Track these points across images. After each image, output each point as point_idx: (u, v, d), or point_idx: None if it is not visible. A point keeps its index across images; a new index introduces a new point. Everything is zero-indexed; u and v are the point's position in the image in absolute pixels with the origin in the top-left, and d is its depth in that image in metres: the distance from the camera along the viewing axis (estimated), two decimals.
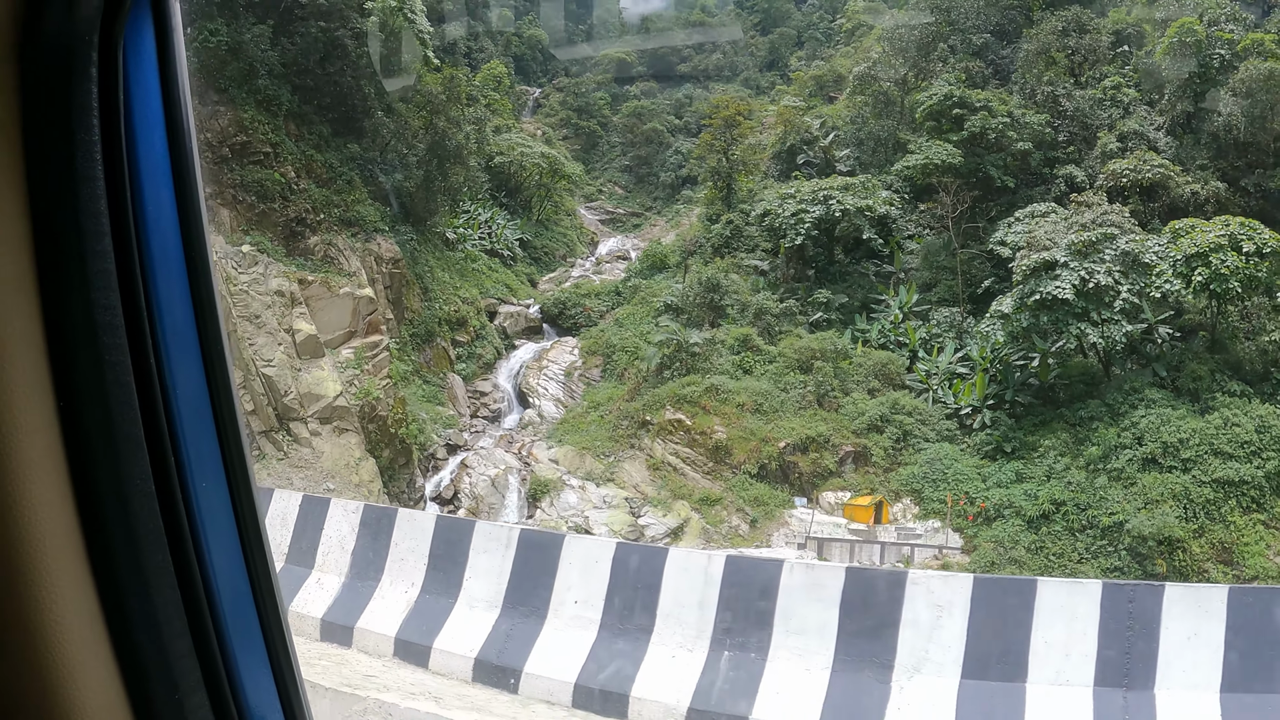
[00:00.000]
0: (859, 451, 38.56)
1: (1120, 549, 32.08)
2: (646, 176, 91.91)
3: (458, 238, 60.83)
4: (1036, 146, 49.95)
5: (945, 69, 57.64)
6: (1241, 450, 33.87)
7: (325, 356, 38.93)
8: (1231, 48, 48.09)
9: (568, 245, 76.05)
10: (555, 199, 78.16)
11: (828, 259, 50.67)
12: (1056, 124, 51.06)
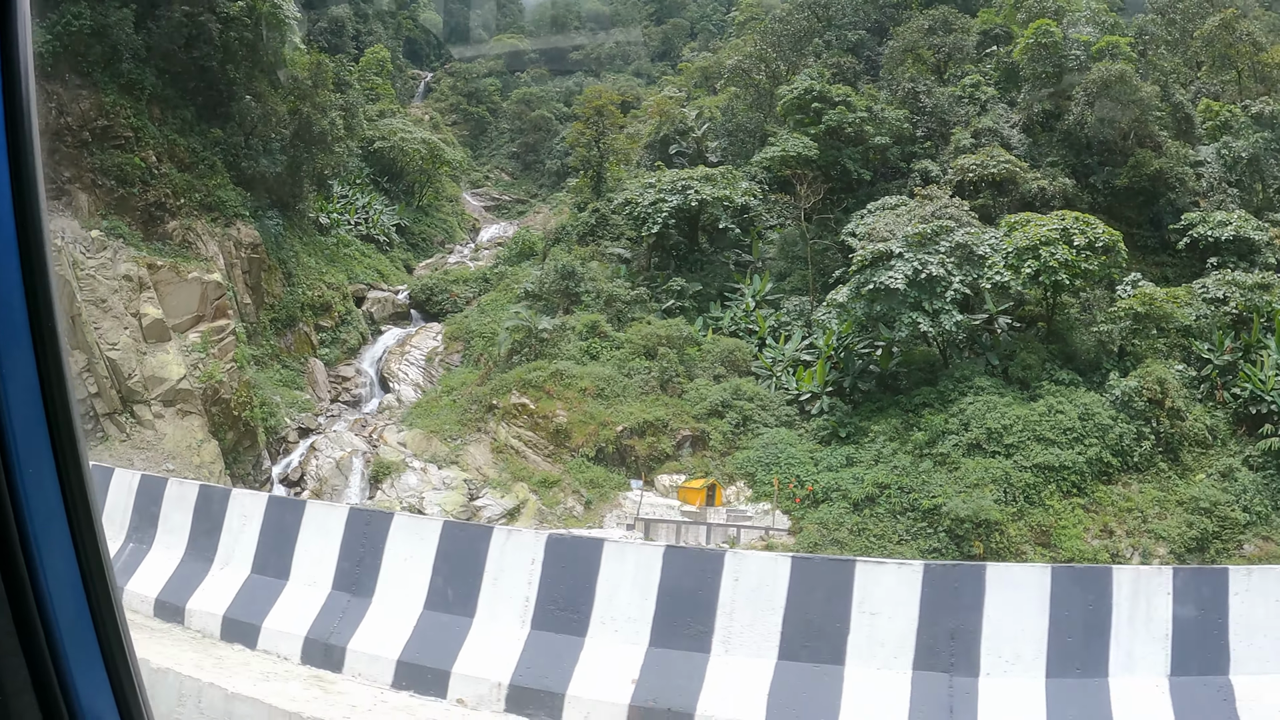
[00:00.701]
0: (697, 436, 39.03)
1: (940, 531, 32.81)
2: (534, 164, 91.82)
3: (331, 223, 60.39)
4: (895, 141, 50.71)
5: (819, 64, 58.32)
6: (1064, 437, 34.96)
7: (171, 340, 38.70)
8: (1087, 49, 49.26)
9: (447, 231, 75.71)
10: (436, 185, 77.68)
11: (689, 248, 51.00)
12: (916, 120, 51.86)
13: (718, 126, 60.02)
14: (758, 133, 55.88)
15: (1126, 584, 9.09)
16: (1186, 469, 35.49)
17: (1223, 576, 9.11)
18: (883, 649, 9.14)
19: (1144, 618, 8.92)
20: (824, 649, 9.29)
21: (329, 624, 11.07)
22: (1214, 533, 33.02)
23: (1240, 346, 38.44)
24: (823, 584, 9.68)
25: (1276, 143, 48.73)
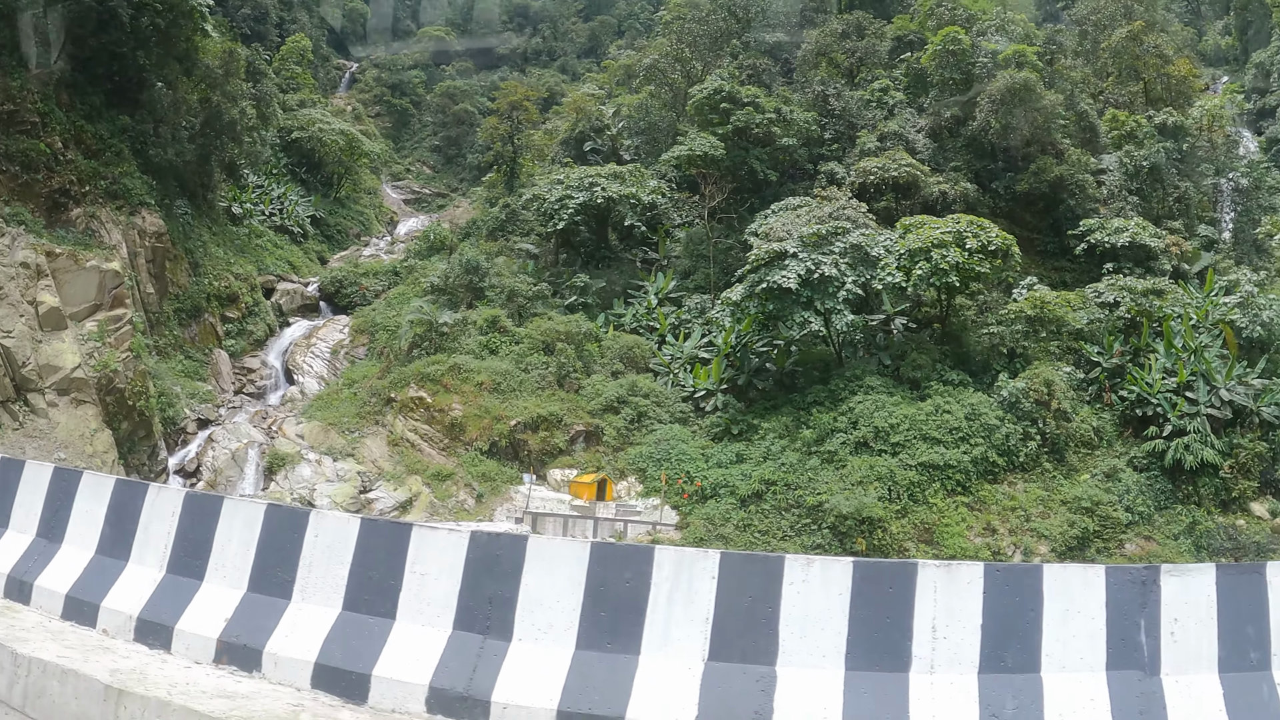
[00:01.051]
0: (592, 431, 38.95)
1: (824, 528, 32.85)
2: (455, 157, 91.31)
3: (244, 213, 59.72)
4: (803, 143, 50.90)
5: (734, 64, 58.49)
6: (950, 436, 35.27)
7: (68, 329, 38.06)
8: (994, 57, 49.72)
9: (364, 224, 75.18)
10: (355, 176, 77.06)
11: (597, 244, 51.03)
12: (824, 122, 52.12)
13: (632, 125, 59.99)
14: (671, 132, 55.88)
15: (668, 564, 9.04)
16: (1072, 469, 35.90)
17: (778, 565, 9.00)
18: (429, 607, 9.43)
19: (684, 599, 8.88)
20: (380, 603, 9.63)
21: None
22: (1095, 531, 33.46)
23: (1130, 350, 39.00)
24: (382, 544, 9.91)
25: (1178, 152, 49.48)
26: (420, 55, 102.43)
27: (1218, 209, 53.14)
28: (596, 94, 68.02)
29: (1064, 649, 8.64)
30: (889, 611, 8.76)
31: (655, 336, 44.63)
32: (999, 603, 8.69)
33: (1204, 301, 41.68)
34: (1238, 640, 8.73)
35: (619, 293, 48.07)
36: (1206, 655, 8.74)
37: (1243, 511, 35.05)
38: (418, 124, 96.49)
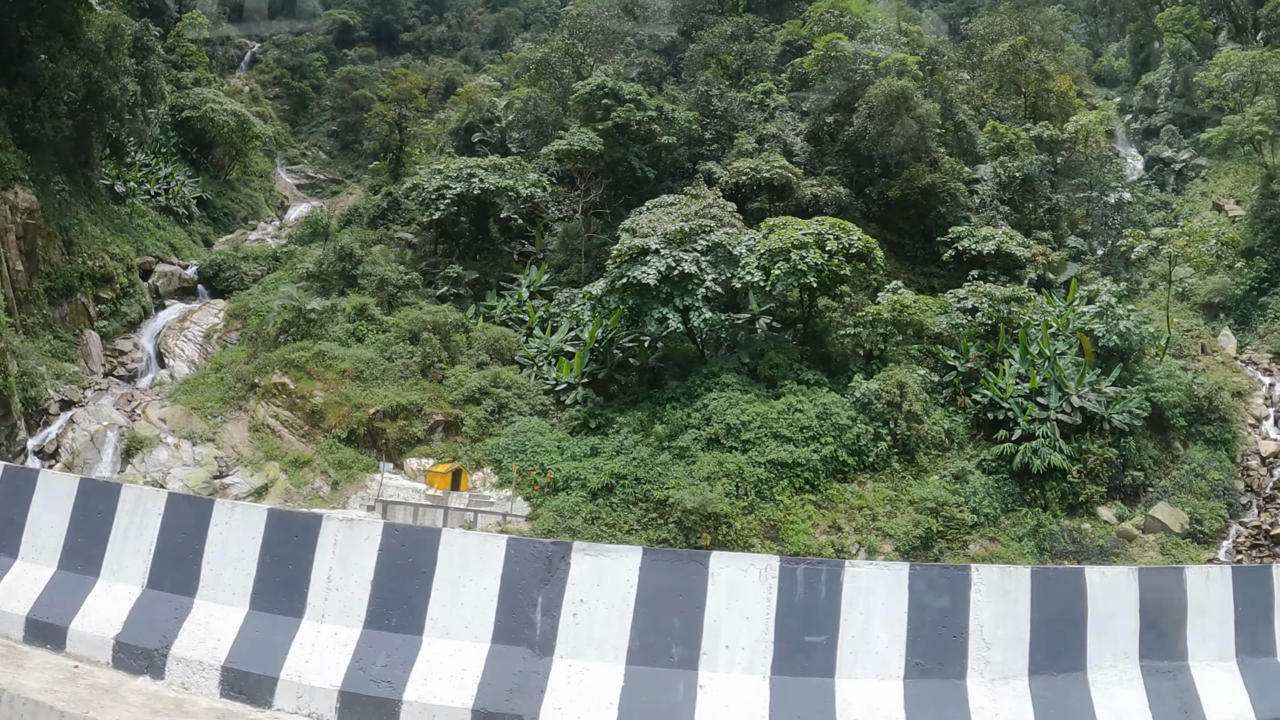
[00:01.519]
0: (451, 421, 38.78)
1: (670, 522, 33.00)
2: (352, 144, 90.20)
3: (128, 191, 58.72)
4: (684, 142, 51.05)
5: (624, 61, 58.63)
6: (800, 434, 35.54)
7: None
8: (875, 65, 50.21)
9: (253, 208, 74.03)
10: (246, 159, 76.01)
11: (475, 235, 50.82)
12: (706, 122, 52.31)
13: (520, 118, 59.80)
14: (557, 126, 55.79)
15: (129, 501, 9.77)
16: (922, 470, 36.43)
17: (208, 507, 9.59)
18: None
19: (136, 532, 9.62)
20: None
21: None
22: (940, 532, 33.97)
23: (986, 355, 39.64)
24: None
25: (1052, 165, 50.35)
26: (324, 38, 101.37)
27: (1094, 223, 54.14)
28: (492, 86, 67.71)
29: (449, 615, 8.80)
30: (293, 559, 9.18)
31: (524, 329, 44.53)
32: (391, 562, 8.95)
33: (1065, 310, 42.42)
34: (656, 632, 8.80)
35: (493, 285, 47.88)
36: (613, 644, 8.79)
37: (1090, 515, 35.88)
38: (316, 108, 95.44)
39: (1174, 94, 72.58)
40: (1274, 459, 39.20)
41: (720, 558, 9.11)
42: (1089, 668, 9.32)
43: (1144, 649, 9.58)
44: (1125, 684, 9.36)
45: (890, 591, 8.99)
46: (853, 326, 39.58)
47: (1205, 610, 9.97)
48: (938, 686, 8.86)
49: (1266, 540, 35.12)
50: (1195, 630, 9.91)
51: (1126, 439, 37.09)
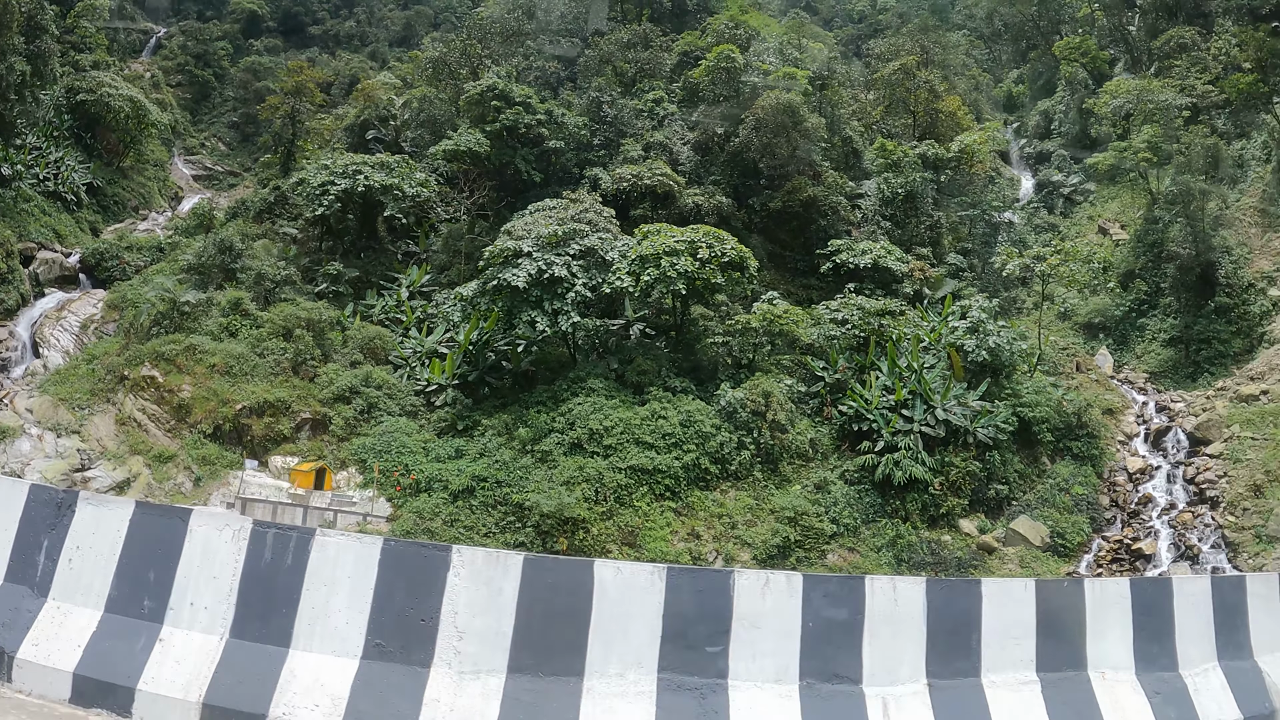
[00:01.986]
0: (319, 420, 38.39)
1: (528, 526, 32.81)
2: (253, 136, 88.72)
3: (14, 174, 57.56)
4: (572, 147, 51.14)
5: (518, 65, 58.63)
6: (663, 441, 35.59)
7: None
8: (765, 78, 50.58)
9: (145, 197, 72.57)
10: (141, 147, 74.62)
11: (360, 234, 50.47)
12: (595, 128, 52.39)
13: (414, 117, 59.49)
14: (449, 126, 55.57)
15: None
16: (785, 480, 36.61)
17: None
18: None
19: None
20: None
21: None
22: (798, 541, 34.08)
23: (855, 367, 40.07)
24: None
25: (935, 182, 51.02)
26: (231, 27, 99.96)
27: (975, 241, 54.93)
28: (394, 84, 67.25)
29: None
30: None
31: (402, 329, 44.27)
32: None
33: (938, 325, 43.01)
34: (134, 583, 9.08)
35: (374, 284, 47.56)
36: (97, 591, 9.00)
37: (951, 528, 36.38)
38: (219, 98, 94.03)
39: (1067, 120, 74.11)
40: (1140, 475, 40.08)
41: (200, 515, 9.32)
42: (587, 672, 9.09)
43: (664, 659, 9.30)
44: (635, 697, 9.12)
45: (359, 567, 8.93)
46: (722, 335, 39.78)
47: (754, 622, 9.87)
48: (396, 671, 8.75)
49: (1127, 554, 35.95)
50: None
51: (992, 453, 37.65)
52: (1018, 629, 10.72)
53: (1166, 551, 35.87)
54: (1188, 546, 35.58)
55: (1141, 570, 35.04)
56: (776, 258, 48.02)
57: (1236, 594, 12.72)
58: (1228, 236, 52.30)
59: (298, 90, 59.72)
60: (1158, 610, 12.02)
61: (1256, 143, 58.16)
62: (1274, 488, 35.66)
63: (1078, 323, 56.42)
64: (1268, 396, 42.19)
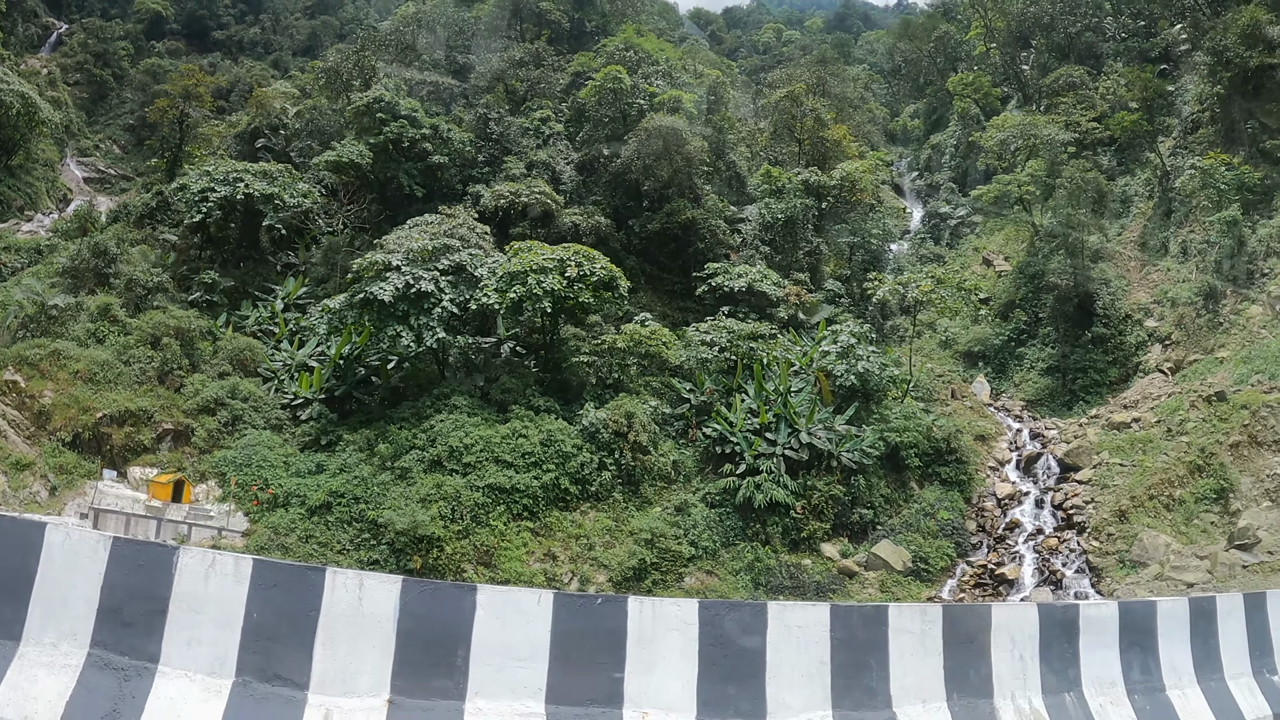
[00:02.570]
0: (181, 430, 37.90)
1: (383, 543, 32.56)
2: (148, 139, 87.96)
3: None
4: (456, 163, 51.11)
5: (419, 79, 58.54)
6: (522, 460, 35.50)
7: None
8: (650, 100, 50.94)
9: (31, 197, 71.39)
10: (31, 146, 73.33)
11: (240, 242, 50.00)
12: (481, 145, 52.44)
13: (304, 127, 59.18)
14: (337, 137, 55.40)
15: None
16: (646, 501, 36.72)
17: None
18: None
19: None
20: None
21: None
22: (654, 563, 34.06)
23: (721, 389, 40.37)
24: None
25: (817, 209, 51.66)
26: (134, 27, 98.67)
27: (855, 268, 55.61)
28: (290, 92, 66.92)
29: None
30: None
31: (274, 341, 43.91)
32: None
33: (809, 349, 43.46)
34: None
35: (251, 294, 47.14)
36: None
37: (812, 552, 36.51)
38: (116, 99, 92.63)
39: (957, 154, 75.56)
40: (1009, 501, 40.84)
41: None
42: (24, 639, 9.00)
43: (98, 634, 8.99)
44: (60, 669, 8.94)
45: None
46: (588, 355, 39.95)
47: None
48: None
49: (991, 579, 36.31)
50: None
51: (857, 477, 37.99)
52: (524, 649, 10.09)
53: (1030, 576, 36.31)
54: (1051, 571, 36.08)
55: (1005, 595, 35.31)
56: (654, 280, 48.33)
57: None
58: (1107, 269, 53.72)
59: (188, 94, 59.04)
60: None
61: (1140, 179, 59.65)
62: (1138, 513, 36.46)
63: (958, 351, 57.48)
64: (1139, 424, 43.17)
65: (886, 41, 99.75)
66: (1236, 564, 33.64)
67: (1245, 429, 38.02)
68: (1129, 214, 59.75)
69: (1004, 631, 12.79)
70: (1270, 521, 34.99)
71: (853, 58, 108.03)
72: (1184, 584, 32.77)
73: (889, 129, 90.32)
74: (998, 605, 14.20)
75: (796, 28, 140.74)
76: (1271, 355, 41.33)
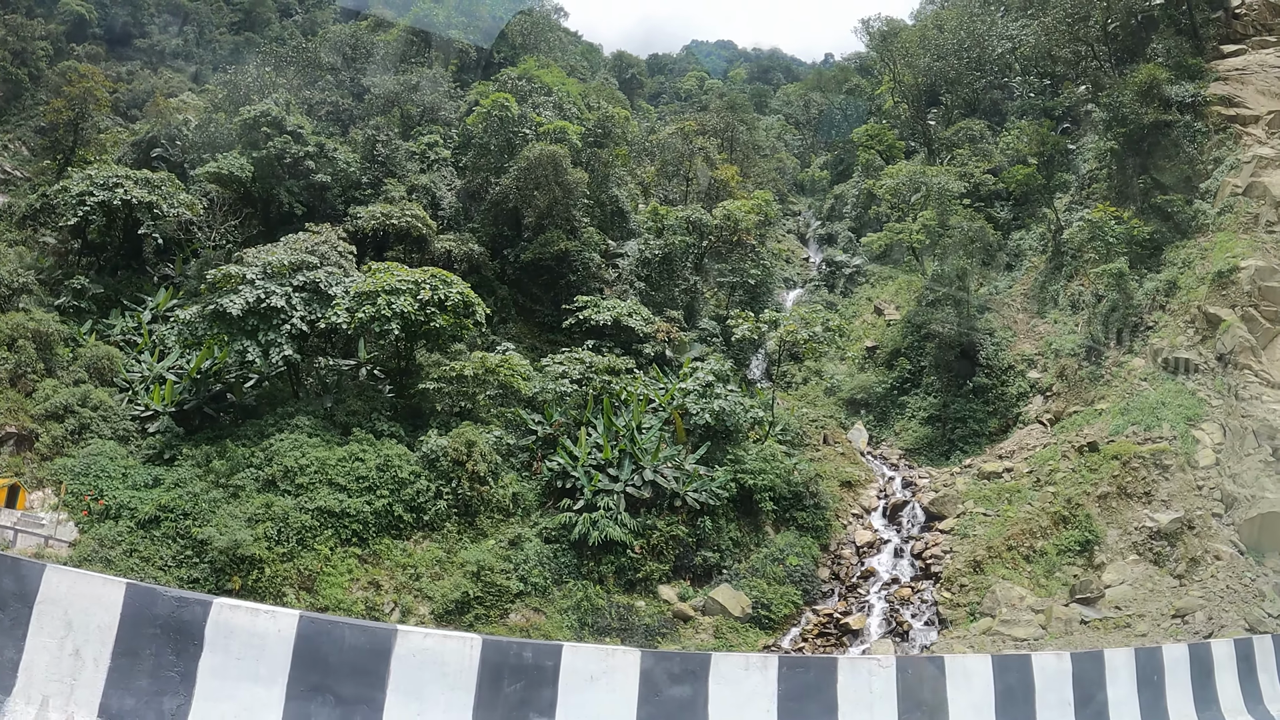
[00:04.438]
0: (25, 435, 37.53)
1: (205, 561, 32.23)
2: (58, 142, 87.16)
3: None
4: (339, 183, 51.11)
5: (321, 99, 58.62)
6: (356, 484, 35.31)
7: None
8: (536, 129, 51.19)
9: None
10: None
11: (120, 249, 49.69)
12: (367, 166, 52.46)
13: (199, 138, 58.96)
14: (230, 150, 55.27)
15: None
16: (481, 533, 36.48)
17: None
18: None
19: None
20: None
21: None
22: (478, 597, 33.74)
23: (570, 422, 40.33)
24: None
25: (697, 248, 52.04)
26: (57, 27, 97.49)
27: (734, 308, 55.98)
28: (195, 104, 66.59)
29: None
30: None
31: (136, 352, 43.58)
32: None
33: (671, 387, 43.52)
34: None
35: (122, 303, 46.80)
36: None
37: (649, 593, 36.16)
38: (30, 100, 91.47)
39: (858, 204, 76.41)
40: (868, 549, 40.66)
41: None
42: None
43: None
44: None
45: None
46: (435, 381, 39.81)
47: None
48: None
49: (835, 629, 35.78)
50: None
51: (703, 518, 37.83)
52: None
53: (877, 627, 35.90)
54: (899, 622, 35.67)
55: (848, 646, 34.88)
56: (526, 311, 48.49)
57: None
58: (993, 319, 54.28)
59: (86, 96, 58.64)
60: None
61: (1035, 234, 60.42)
62: (994, 564, 36.25)
63: (842, 399, 57.66)
64: (1010, 474, 43.31)
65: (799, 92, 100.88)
66: (1075, 619, 33.27)
67: (1115, 480, 37.97)
68: (1021, 267, 60.47)
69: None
70: (1136, 576, 34.83)
71: (769, 108, 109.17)
72: (1013, 639, 32.41)
73: (799, 179, 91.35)
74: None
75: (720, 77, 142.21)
76: (1148, 407, 41.30)
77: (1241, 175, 47.74)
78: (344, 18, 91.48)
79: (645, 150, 62.03)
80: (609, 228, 52.81)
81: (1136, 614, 33.09)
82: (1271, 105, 50.59)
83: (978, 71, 75.37)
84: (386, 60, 65.53)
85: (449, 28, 66.69)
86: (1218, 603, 32.96)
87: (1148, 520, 36.50)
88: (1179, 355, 42.84)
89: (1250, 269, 42.83)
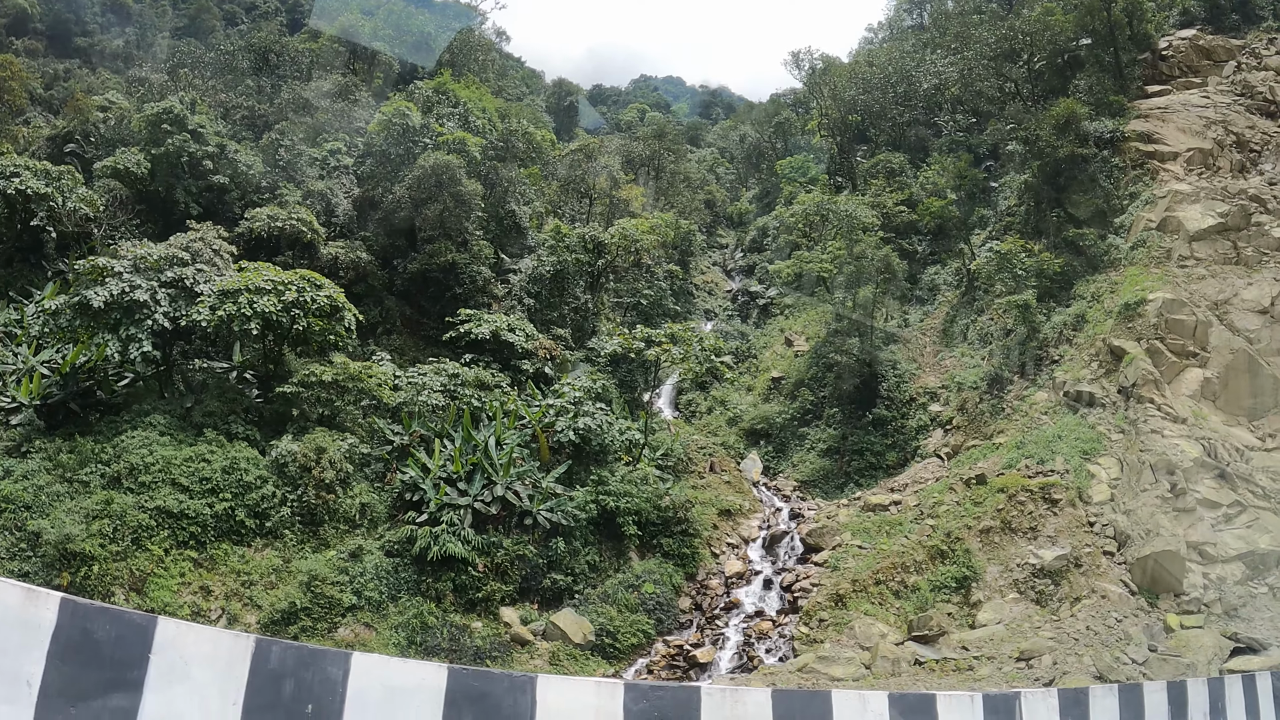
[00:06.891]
0: None
1: (38, 555, 31.89)
2: None
3: None
4: (238, 185, 51.21)
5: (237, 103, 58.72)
6: (199, 485, 34.96)
7: None
8: (435, 139, 51.41)
9: None
10: None
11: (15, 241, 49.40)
12: (267, 171, 52.60)
13: (112, 136, 58.95)
14: None
15: None
16: (324, 543, 35.94)
17: None
18: None
19: None
20: None
21: None
22: (306, 609, 33.12)
23: (429, 434, 40.27)
24: None
25: (591, 266, 52.32)
26: None
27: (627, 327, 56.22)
28: (121, 104, 66.56)
29: None
30: None
31: (14, 344, 43.42)
32: None
33: (542, 404, 43.59)
34: None
35: (9, 295, 46.64)
36: None
37: (489, 614, 35.23)
38: None
39: (778, 235, 76.98)
40: (737, 580, 39.98)
41: None
42: None
43: None
44: None
45: None
46: (294, 386, 39.62)
47: None
48: None
49: (684, 661, 34.87)
50: None
51: (556, 539, 37.19)
52: None
53: (729, 660, 34.90)
54: (750, 656, 34.79)
55: (695, 679, 33.57)
56: (413, 323, 48.59)
57: None
58: (897, 351, 54.77)
59: None
60: None
61: (950, 269, 60.90)
62: (859, 599, 35.44)
63: (744, 429, 57.74)
64: (898, 507, 42.81)
65: (731, 126, 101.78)
66: (906, 658, 32.05)
67: (999, 514, 37.31)
68: (935, 301, 60.96)
69: None
70: (1014, 615, 33.99)
71: (705, 141, 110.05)
72: (829, 677, 30.95)
73: (729, 212, 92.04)
74: None
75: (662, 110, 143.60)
76: (1045, 440, 41.07)
77: (1156, 210, 48.29)
78: (291, 30, 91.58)
79: (554, 171, 62.30)
80: (505, 243, 53.00)
81: (987, 655, 31.80)
82: (1191, 142, 51.30)
83: (903, 107, 76.21)
84: (311, 69, 65.74)
85: (375, 39, 66.86)
86: (1070, 645, 31.66)
87: (1031, 557, 35.76)
88: (1081, 389, 42.89)
89: (1158, 301, 42.97)
